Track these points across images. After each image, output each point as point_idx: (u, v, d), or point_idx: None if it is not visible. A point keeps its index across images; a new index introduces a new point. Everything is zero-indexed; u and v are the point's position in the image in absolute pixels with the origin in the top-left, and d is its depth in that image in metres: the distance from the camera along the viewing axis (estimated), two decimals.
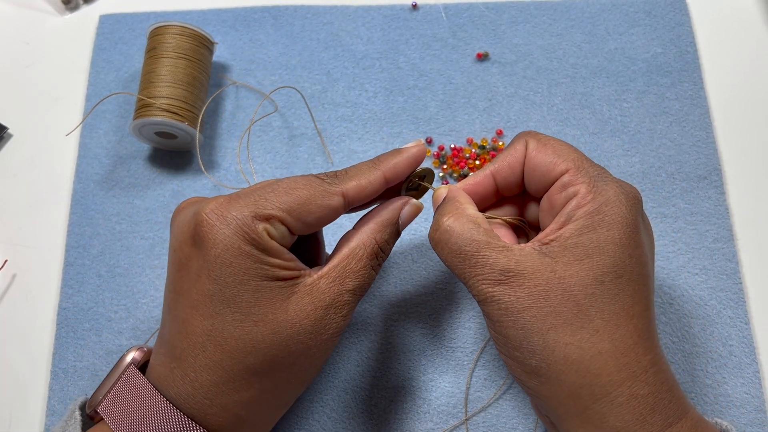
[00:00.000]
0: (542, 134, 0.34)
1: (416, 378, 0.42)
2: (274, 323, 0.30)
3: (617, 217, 0.30)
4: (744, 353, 0.41)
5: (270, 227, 0.30)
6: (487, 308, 0.31)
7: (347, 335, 0.43)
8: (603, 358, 0.29)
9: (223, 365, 0.30)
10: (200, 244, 0.30)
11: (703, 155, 0.47)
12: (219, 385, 0.30)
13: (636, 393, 0.29)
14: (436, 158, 0.48)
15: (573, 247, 0.30)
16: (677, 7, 0.52)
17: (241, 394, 0.31)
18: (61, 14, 0.53)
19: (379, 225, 0.33)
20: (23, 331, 0.44)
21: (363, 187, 0.33)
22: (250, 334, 0.30)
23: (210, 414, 0.31)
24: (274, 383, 0.31)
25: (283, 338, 0.30)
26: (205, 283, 0.30)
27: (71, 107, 0.50)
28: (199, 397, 0.30)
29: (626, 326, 0.29)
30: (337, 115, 0.49)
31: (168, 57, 0.45)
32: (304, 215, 0.31)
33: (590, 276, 0.29)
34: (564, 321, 0.29)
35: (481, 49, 0.51)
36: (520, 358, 0.30)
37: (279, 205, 0.30)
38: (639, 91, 0.49)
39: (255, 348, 0.30)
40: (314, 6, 0.53)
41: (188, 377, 0.31)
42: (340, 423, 0.41)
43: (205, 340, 0.30)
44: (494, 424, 0.40)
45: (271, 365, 0.30)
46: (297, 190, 0.31)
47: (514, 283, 0.30)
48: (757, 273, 0.44)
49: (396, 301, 0.44)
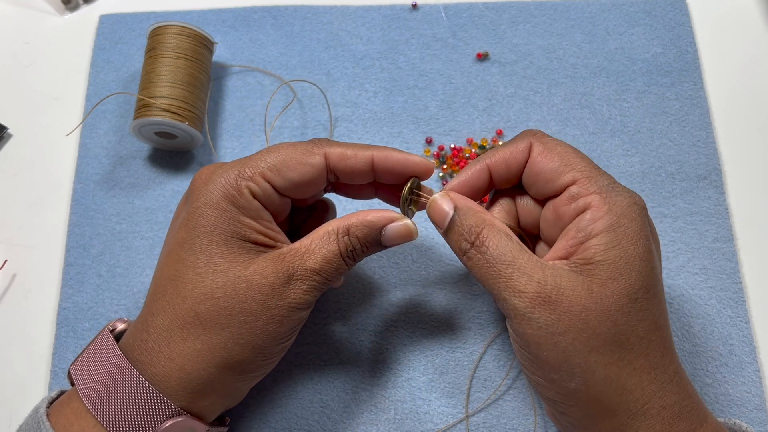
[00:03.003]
0: (548, 137, 0.33)
1: (416, 378, 0.42)
2: (232, 275, 0.31)
3: (637, 231, 0.30)
4: (744, 352, 0.41)
5: (252, 185, 0.32)
6: (522, 327, 0.30)
7: (347, 335, 0.43)
8: (638, 373, 0.29)
9: (176, 309, 0.31)
10: (189, 199, 0.33)
11: (703, 155, 0.47)
12: (169, 330, 0.31)
13: (665, 404, 0.29)
14: (436, 158, 0.48)
15: (604, 264, 0.29)
16: (677, 7, 0.52)
17: (188, 344, 0.31)
18: (61, 14, 0.53)
19: (361, 221, 0.33)
20: (23, 331, 0.44)
21: (346, 156, 0.33)
22: (206, 281, 0.31)
23: (156, 363, 0.31)
24: (222, 340, 0.31)
25: (236, 291, 0.31)
26: (180, 232, 0.32)
27: (71, 107, 0.50)
28: (150, 342, 0.31)
29: (655, 340, 0.30)
30: (337, 115, 0.49)
31: (168, 57, 0.45)
32: (285, 171, 0.32)
33: (624, 295, 0.29)
34: (604, 342, 0.29)
35: (481, 49, 0.51)
36: (557, 381, 0.30)
37: (262, 163, 0.32)
38: (639, 91, 0.49)
39: (208, 296, 0.31)
40: (314, 6, 0.53)
41: (146, 322, 0.32)
42: (339, 423, 0.41)
43: (167, 283, 0.32)
44: (494, 425, 0.40)
45: (221, 319, 0.31)
46: (280, 150, 0.33)
47: (552, 303, 0.29)
48: (757, 272, 0.44)
49: (396, 301, 0.43)
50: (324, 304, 0.43)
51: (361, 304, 0.43)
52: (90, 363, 0.33)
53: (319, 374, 0.42)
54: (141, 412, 0.30)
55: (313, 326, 0.43)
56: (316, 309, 0.43)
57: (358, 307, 0.43)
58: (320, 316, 0.43)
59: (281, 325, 0.32)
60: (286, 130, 0.49)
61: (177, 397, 0.31)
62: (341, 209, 0.45)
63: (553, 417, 0.35)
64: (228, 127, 0.49)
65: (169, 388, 0.31)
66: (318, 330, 0.43)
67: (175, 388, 0.31)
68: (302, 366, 0.42)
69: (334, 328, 0.43)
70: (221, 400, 0.34)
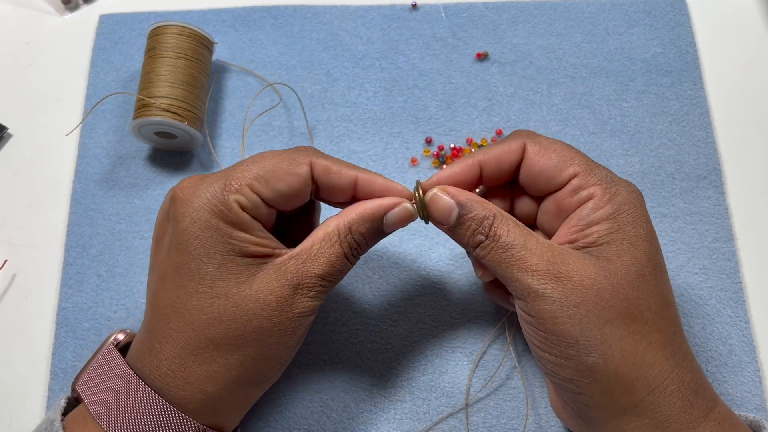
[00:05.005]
0: (540, 136, 0.34)
1: (416, 378, 0.42)
2: (237, 297, 0.30)
3: (638, 215, 0.31)
4: (744, 352, 0.41)
5: (241, 198, 0.30)
6: (537, 305, 0.30)
7: (347, 335, 0.43)
8: (654, 348, 0.30)
9: (185, 337, 0.30)
10: (173, 218, 0.31)
11: (703, 155, 0.47)
12: (182, 357, 0.30)
13: (682, 380, 0.30)
14: (436, 158, 0.48)
15: (608, 245, 0.30)
16: (677, 6, 0.52)
17: (204, 367, 0.30)
18: (61, 14, 0.53)
19: (360, 216, 0.32)
20: (23, 331, 0.44)
21: (330, 169, 0.32)
22: (212, 307, 0.30)
23: (174, 387, 0.31)
24: (238, 359, 0.31)
25: (245, 312, 0.30)
26: (173, 256, 0.31)
27: (71, 107, 0.50)
28: (163, 369, 0.31)
29: (668, 316, 0.31)
30: (336, 115, 0.49)
31: (168, 57, 0.45)
32: (273, 182, 0.31)
33: (632, 270, 0.30)
34: (617, 314, 0.29)
35: (480, 49, 0.51)
36: (575, 357, 0.30)
37: (248, 174, 0.31)
38: (639, 90, 0.49)
39: (217, 321, 0.30)
40: (314, 6, 0.53)
41: (154, 349, 0.31)
42: (340, 423, 0.41)
43: (170, 311, 0.31)
44: (494, 425, 0.40)
45: (234, 340, 0.30)
46: (265, 160, 0.32)
47: (564, 278, 0.29)
48: (757, 272, 0.44)
49: (396, 301, 0.43)
50: (324, 304, 0.43)
51: (361, 304, 0.43)
52: (99, 381, 0.32)
53: (319, 374, 0.42)
54: None
55: (313, 326, 0.43)
56: None
57: (358, 307, 0.43)
58: (320, 316, 0.43)
59: (294, 334, 0.32)
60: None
61: (200, 416, 0.31)
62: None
63: (560, 410, 0.35)
64: (228, 127, 0.49)
65: (192, 409, 0.31)
66: (318, 330, 0.43)
67: (197, 408, 0.31)
68: (302, 366, 0.42)
69: (334, 328, 0.43)
70: (241, 411, 0.34)
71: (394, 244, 0.45)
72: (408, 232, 0.45)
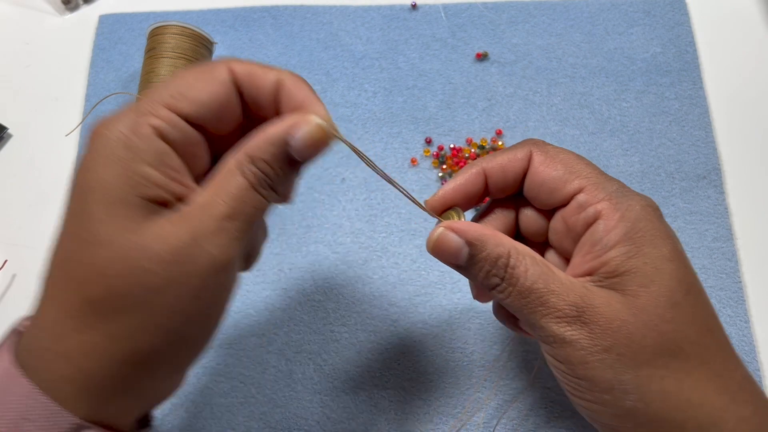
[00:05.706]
0: (550, 145, 0.31)
1: (416, 379, 0.42)
2: (125, 248, 0.24)
3: (656, 232, 0.28)
4: (744, 352, 0.41)
5: (154, 119, 0.25)
6: (564, 351, 0.28)
7: (347, 335, 0.43)
8: (701, 385, 0.27)
9: (65, 295, 0.25)
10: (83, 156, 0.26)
11: (703, 155, 0.47)
12: (59, 322, 0.25)
13: (741, 415, 0.27)
14: (436, 158, 0.48)
15: (630, 275, 0.27)
16: (676, 6, 0.52)
17: (82, 336, 0.25)
18: (61, 14, 0.53)
19: (261, 140, 0.26)
20: None
21: (253, 71, 0.27)
22: (94, 258, 0.24)
23: (51, 365, 0.25)
24: (123, 328, 0.25)
25: (132, 267, 0.24)
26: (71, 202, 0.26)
27: (71, 107, 0.50)
28: (42, 341, 0.25)
29: (711, 345, 0.28)
30: (336, 115, 0.49)
31: (167, 57, 0.45)
32: (190, 91, 0.26)
33: (662, 300, 0.27)
34: (653, 354, 0.27)
35: (480, 49, 0.51)
36: (611, 402, 0.28)
37: (164, 93, 0.26)
38: (638, 90, 0.49)
39: (97, 275, 0.24)
40: (313, 6, 0.53)
41: (37, 317, 0.26)
42: (339, 423, 0.41)
43: (56, 266, 0.26)
44: (493, 425, 0.40)
45: (116, 301, 0.24)
46: (181, 74, 0.27)
47: (589, 320, 0.27)
48: (757, 272, 0.44)
49: (396, 301, 0.44)
50: (324, 304, 0.43)
51: (361, 304, 0.44)
52: None
53: (319, 374, 0.42)
54: (35, 429, 0.24)
55: (313, 326, 0.43)
56: (315, 309, 0.43)
57: (358, 307, 0.43)
58: (320, 316, 0.43)
59: (197, 299, 0.25)
60: None
61: (77, 405, 0.25)
62: (340, 209, 0.45)
63: None
64: None
65: (67, 395, 0.25)
66: (318, 330, 0.43)
67: (74, 394, 0.25)
68: (302, 366, 0.42)
69: (334, 328, 0.43)
70: (136, 402, 0.27)
71: (394, 244, 0.45)
72: (408, 232, 0.45)
